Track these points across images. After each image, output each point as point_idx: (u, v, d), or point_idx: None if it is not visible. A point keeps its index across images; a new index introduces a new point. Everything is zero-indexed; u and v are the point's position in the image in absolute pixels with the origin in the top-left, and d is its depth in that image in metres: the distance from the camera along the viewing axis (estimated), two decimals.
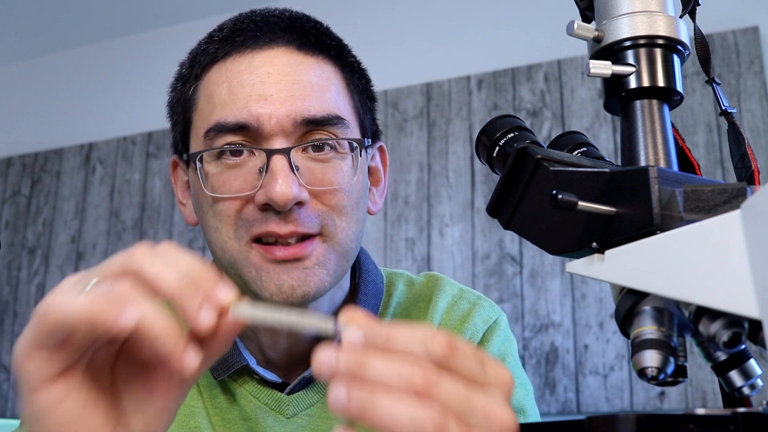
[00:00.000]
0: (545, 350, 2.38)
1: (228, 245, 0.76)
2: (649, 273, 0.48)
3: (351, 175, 0.78)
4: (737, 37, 2.44)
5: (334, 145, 0.77)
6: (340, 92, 0.79)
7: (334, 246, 0.77)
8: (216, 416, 0.83)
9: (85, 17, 3.27)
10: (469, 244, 2.56)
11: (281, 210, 0.73)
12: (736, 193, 0.47)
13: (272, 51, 0.77)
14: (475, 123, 2.66)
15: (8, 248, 3.19)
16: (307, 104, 0.75)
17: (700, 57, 0.62)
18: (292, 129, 0.75)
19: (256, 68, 0.76)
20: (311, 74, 0.77)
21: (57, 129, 3.35)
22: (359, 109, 0.82)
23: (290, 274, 0.74)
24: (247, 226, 0.75)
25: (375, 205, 0.87)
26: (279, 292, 0.74)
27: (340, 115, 0.77)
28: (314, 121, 0.75)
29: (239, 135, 0.75)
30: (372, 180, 0.87)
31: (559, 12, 1.24)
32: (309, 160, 0.76)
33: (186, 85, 0.82)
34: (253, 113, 0.74)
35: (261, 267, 0.75)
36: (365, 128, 0.83)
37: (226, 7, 3.06)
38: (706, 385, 2.18)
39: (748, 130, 2.35)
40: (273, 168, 0.73)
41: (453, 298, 0.90)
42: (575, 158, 0.59)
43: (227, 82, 0.77)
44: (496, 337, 0.88)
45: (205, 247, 2.90)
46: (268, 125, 0.74)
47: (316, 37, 0.80)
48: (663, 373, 0.47)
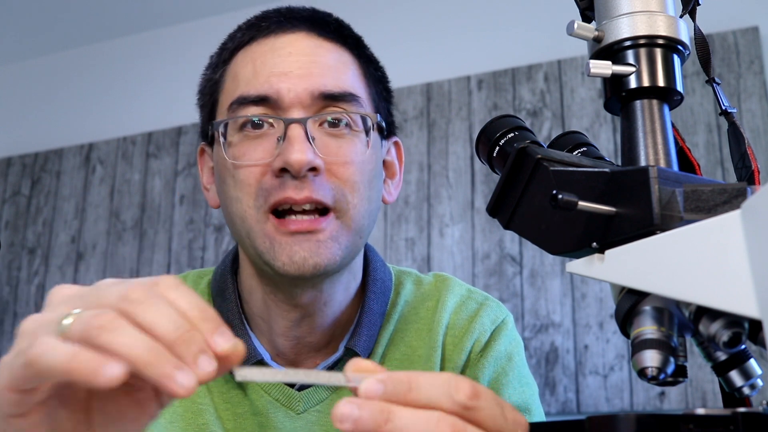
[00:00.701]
0: (545, 350, 2.38)
1: (247, 214, 0.79)
2: (649, 273, 0.47)
3: (363, 151, 0.81)
4: (737, 37, 2.44)
5: (348, 122, 0.81)
6: (356, 77, 0.84)
7: (347, 222, 0.79)
8: (226, 411, 0.83)
9: (85, 17, 3.27)
10: (469, 244, 2.56)
11: (297, 174, 0.76)
12: (736, 193, 0.47)
13: (294, 35, 0.83)
14: (475, 123, 2.66)
15: (8, 248, 3.19)
16: (324, 81, 0.80)
17: (700, 57, 0.62)
18: (310, 102, 0.80)
19: (279, 49, 0.82)
20: (329, 56, 0.83)
21: (57, 129, 3.35)
22: (374, 97, 0.86)
23: (302, 246, 0.77)
24: (266, 195, 0.78)
25: (390, 195, 0.90)
26: (291, 262, 0.77)
27: (355, 93, 0.82)
28: (330, 96, 0.80)
29: (261, 107, 0.80)
30: (387, 172, 0.90)
31: (559, 12, 1.24)
32: (324, 134, 0.80)
33: (215, 70, 0.87)
34: (274, 86, 0.80)
35: (274, 238, 0.78)
36: (380, 114, 0.86)
37: (225, 7, 3.06)
38: (706, 385, 2.18)
39: (748, 130, 2.35)
40: (290, 135, 0.77)
41: (461, 298, 0.91)
42: (575, 158, 0.59)
43: (252, 62, 0.82)
44: (503, 337, 0.89)
45: (205, 246, 2.90)
46: (287, 97, 0.79)
47: (336, 27, 0.85)
48: (663, 373, 0.47)
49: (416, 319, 0.89)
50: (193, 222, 2.95)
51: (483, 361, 0.86)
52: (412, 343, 0.88)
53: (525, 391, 0.86)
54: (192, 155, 3.03)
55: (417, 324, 0.89)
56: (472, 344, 0.87)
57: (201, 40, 3.40)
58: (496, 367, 0.86)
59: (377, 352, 0.86)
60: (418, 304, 0.91)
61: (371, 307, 0.86)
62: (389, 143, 0.90)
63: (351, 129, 0.81)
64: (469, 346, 0.87)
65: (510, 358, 0.88)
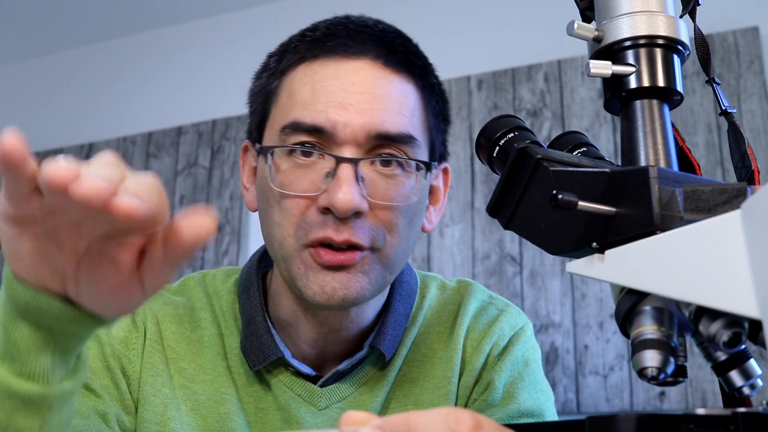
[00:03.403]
0: (545, 350, 2.38)
1: (286, 242, 0.79)
2: (649, 273, 0.47)
3: (411, 195, 0.80)
4: (737, 37, 2.44)
5: (402, 162, 0.79)
6: (416, 112, 0.82)
7: (381, 258, 0.79)
8: (249, 404, 0.84)
9: (85, 17, 3.27)
10: (469, 244, 2.56)
11: (341, 216, 0.75)
12: (736, 193, 0.47)
13: (359, 62, 0.80)
14: (475, 123, 2.66)
15: None
16: (382, 119, 0.78)
17: (700, 57, 0.62)
18: (365, 140, 0.77)
19: (341, 76, 0.79)
20: (392, 90, 0.80)
21: (57, 129, 3.35)
22: (432, 130, 0.84)
23: (334, 277, 0.77)
24: (307, 229, 0.77)
25: (430, 223, 0.89)
26: (322, 292, 0.77)
27: (413, 135, 0.80)
28: (387, 137, 0.78)
29: (313, 136, 0.78)
30: (431, 199, 0.89)
31: (559, 12, 1.24)
32: (375, 173, 0.78)
33: (271, 77, 0.84)
34: (331, 119, 0.77)
35: (310, 267, 0.78)
36: (434, 149, 0.85)
37: (225, 7, 3.06)
38: (706, 385, 2.18)
39: (748, 130, 2.35)
40: (340, 175, 0.76)
41: (482, 304, 0.92)
42: (575, 158, 0.59)
43: (311, 84, 0.79)
44: (521, 343, 0.90)
45: (205, 246, 2.90)
46: (343, 133, 0.77)
47: (404, 55, 0.82)
48: (663, 373, 0.47)
49: (438, 322, 0.90)
50: None
51: (500, 364, 0.87)
52: (434, 346, 0.89)
53: (539, 397, 0.87)
54: (192, 155, 3.03)
55: (439, 327, 0.90)
56: (491, 348, 0.88)
57: (201, 40, 3.41)
58: (513, 371, 0.87)
59: (401, 353, 0.87)
60: (441, 309, 0.92)
61: (396, 308, 0.87)
62: (438, 170, 0.89)
63: (403, 170, 0.79)
64: (488, 349, 0.88)
65: (527, 364, 0.89)
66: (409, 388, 0.86)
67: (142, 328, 0.86)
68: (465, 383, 0.86)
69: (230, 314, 0.89)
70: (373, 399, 0.85)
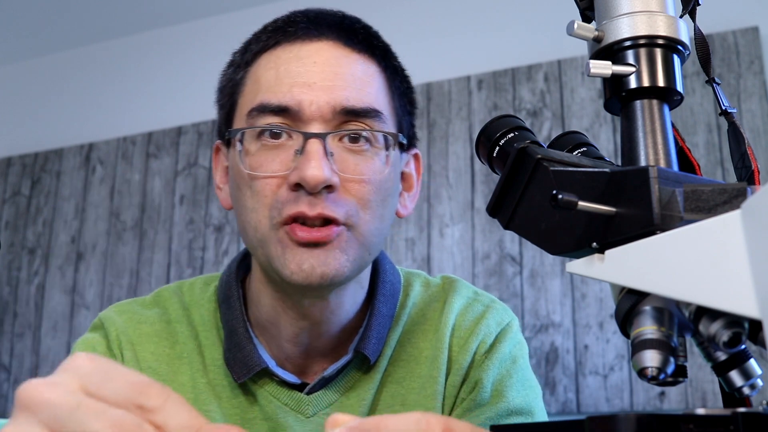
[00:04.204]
0: (545, 350, 2.38)
1: (261, 224, 0.79)
2: (649, 273, 0.47)
3: (381, 170, 0.80)
4: (737, 37, 2.44)
5: (369, 137, 0.80)
6: (381, 90, 0.82)
7: (356, 236, 0.79)
8: (235, 416, 0.84)
9: (85, 17, 3.27)
10: (469, 244, 2.56)
11: (312, 191, 0.75)
12: (736, 193, 0.47)
13: (320, 43, 0.81)
14: (475, 123, 2.66)
15: (8, 248, 3.19)
16: (347, 94, 0.79)
17: (700, 57, 0.62)
18: (331, 116, 0.78)
19: (303, 57, 0.80)
20: (354, 68, 0.81)
21: (57, 129, 3.35)
22: (398, 110, 0.85)
23: (311, 254, 0.77)
24: (280, 208, 0.77)
25: (405, 209, 0.89)
26: (299, 270, 0.77)
27: (378, 109, 0.80)
28: (352, 111, 0.79)
29: (280, 117, 0.79)
30: (404, 185, 0.89)
31: (559, 12, 1.24)
32: (343, 150, 0.79)
33: (237, 70, 0.85)
34: (296, 97, 0.78)
35: (286, 246, 0.77)
36: (402, 130, 0.85)
37: (225, 7, 3.06)
38: (706, 385, 2.18)
39: (748, 130, 2.35)
40: (308, 150, 0.76)
41: (468, 301, 0.91)
42: (575, 158, 0.59)
43: (275, 68, 0.81)
44: (508, 339, 0.89)
45: (205, 246, 2.90)
46: (308, 110, 0.78)
47: (364, 36, 0.84)
48: (663, 373, 0.47)
49: (423, 320, 0.90)
50: (193, 222, 2.95)
51: (487, 362, 0.86)
52: (419, 345, 0.88)
53: (528, 394, 0.87)
54: (192, 155, 3.03)
55: (424, 326, 0.89)
56: (477, 345, 0.87)
57: (201, 40, 3.41)
58: (501, 369, 0.87)
59: (386, 354, 0.87)
60: (426, 306, 0.91)
61: (380, 309, 0.86)
62: (409, 155, 0.89)
63: (371, 145, 0.80)
64: (474, 347, 0.87)
65: (514, 361, 0.88)
66: (395, 389, 0.86)
67: (119, 355, 0.85)
68: (452, 382, 0.86)
69: (211, 324, 0.88)
70: (360, 403, 0.84)
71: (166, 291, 0.92)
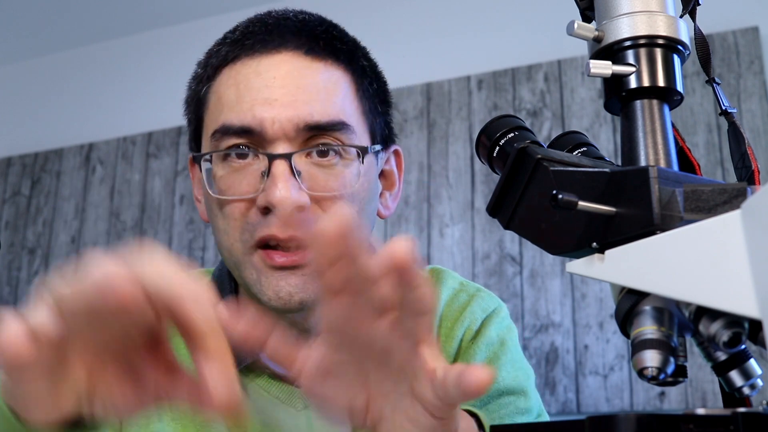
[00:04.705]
0: (545, 350, 2.38)
1: (234, 248, 0.77)
2: (649, 273, 0.47)
3: (354, 183, 0.78)
4: (737, 37, 2.44)
5: (338, 150, 0.77)
6: (347, 97, 0.80)
7: None
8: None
9: (85, 17, 3.27)
10: (469, 244, 2.56)
11: (281, 214, 0.73)
12: (736, 193, 0.47)
13: (280, 55, 0.78)
14: (475, 123, 2.66)
15: (8, 248, 3.19)
16: (310, 109, 0.76)
17: (700, 57, 0.62)
18: (295, 134, 0.76)
19: (263, 72, 0.77)
20: (317, 79, 0.78)
21: (57, 129, 3.35)
22: (368, 114, 0.83)
23: (288, 281, 0.75)
24: (251, 230, 0.76)
25: (387, 209, 0.87)
26: (277, 297, 0.75)
27: (345, 121, 0.78)
28: (318, 126, 0.76)
29: (244, 138, 0.76)
30: (385, 183, 0.87)
31: (559, 12, 1.24)
32: (312, 166, 0.77)
33: (200, 84, 0.84)
34: (257, 117, 0.75)
35: (261, 271, 0.76)
36: (375, 134, 0.83)
37: (225, 7, 3.06)
38: (706, 385, 2.18)
39: (748, 130, 2.35)
40: (274, 172, 0.74)
41: (454, 291, 0.91)
42: (575, 158, 0.59)
43: (235, 86, 0.78)
44: (494, 324, 0.88)
45: (205, 246, 2.90)
46: (271, 129, 0.75)
47: (326, 41, 0.80)
48: (663, 373, 0.47)
49: None
50: (193, 222, 2.95)
51: (474, 347, 0.86)
52: None
53: (519, 374, 0.86)
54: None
55: None
56: (463, 332, 0.87)
57: (201, 40, 3.39)
58: (488, 352, 0.86)
59: None
60: None
61: None
62: (388, 153, 0.87)
63: (341, 157, 0.77)
64: (460, 334, 0.87)
65: (503, 343, 0.88)
66: None
67: None
68: None
69: None
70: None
71: None
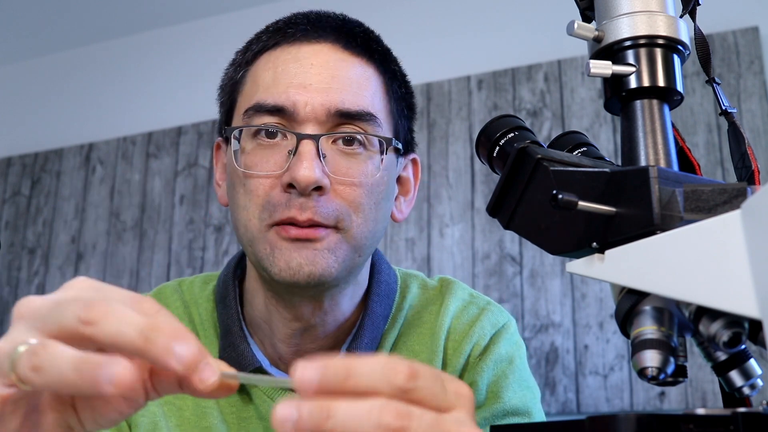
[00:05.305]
0: (545, 350, 2.38)
1: (251, 224, 0.79)
2: (649, 273, 0.47)
3: (374, 173, 0.80)
4: (737, 37, 2.44)
5: (363, 140, 0.80)
6: (377, 94, 0.83)
7: (347, 238, 0.79)
8: (232, 414, 0.84)
9: (85, 17, 3.27)
10: (469, 244, 2.55)
11: (302, 191, 0.76)
12: (736, 193, 0.47)
13: (319, 45, 0.82)
14: (475, 123, 2.66)
15: (8, 248, 3.19)
16: (342, 97, 0.79)
17: (700, 57, 0.62)
18: (325, 118, 0.79)
19: (301, 59, 0.81)
20: (351, 72, 0.81)
21: (57, 129, 3.35)
22: (394, 114, 0.85)
23: (300, 253, 0.77)
24: (271, 210, 0.78)
25: (401, 213, 0.89)
26: (287, 267, 0.77)
27: (373, 113, 0.81)
28: (347, 114, 0.79)
29: (276, 117, 0.79)
30: (401, 190, 0.90)
31: (559, 12, 1.24)
32: (337, 152, 0.79)
33: (237, 69, 0.86)
34: (291, 98, 0.79)
35: (275, 245, 0.78)
36: (398, 134, 0.86)
37: (225, 7, 3.06)
38: (706, 385, 2.18)
39: (748, 130, 2.35)
40: (301, 150, 0.77)
41: (463, 303, 0.91)
42: (575, 158, 0.59)
43: (273, 69, 0.82)
44: (503, 340, 0.89)
45: (205, 246, 2.90)
46: (303, 111, 0.78)
47: (363, 40, 0.84)
48: (663, 373, 0.47)
49: (419, 323, 0.89)
50: (193, 222, 2.95)
51: (482, 364, 0.86)
52: (414, 348, 0.88)
53: (525, 394, 0.86)
54: (192, 155, 3.03)
55: (420, 328, 0.89)
56: (471, 348, 0.87)
57: (201, 40, 3.41)
58: (497, 369, 0.86)
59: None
60: (422, 309, 0.91)
61: (374, 309, 0.86)
62: (406, 160, 0.90)
63: (365, 148, 0.80)
64: (468, 349, 0.87)
65: (511, 361, 0.88)
66: None
67: None
68: None
69: (209, 323, 0.88)
70: None
71: (167, 288, 0.93)
